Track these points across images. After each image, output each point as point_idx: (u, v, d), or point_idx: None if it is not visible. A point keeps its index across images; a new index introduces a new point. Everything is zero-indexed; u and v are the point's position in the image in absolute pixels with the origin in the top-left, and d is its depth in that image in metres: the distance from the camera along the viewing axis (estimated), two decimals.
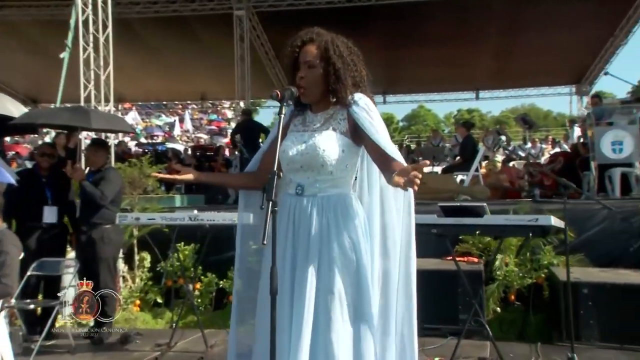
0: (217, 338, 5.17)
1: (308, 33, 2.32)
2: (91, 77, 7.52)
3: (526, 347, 4.64)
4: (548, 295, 6.03)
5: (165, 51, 15.58)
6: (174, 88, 19.27)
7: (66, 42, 7.31)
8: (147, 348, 5.06)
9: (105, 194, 5.29)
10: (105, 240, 5.38)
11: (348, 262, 2.20)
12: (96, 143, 5.90)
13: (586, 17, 13.37)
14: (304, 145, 2.27)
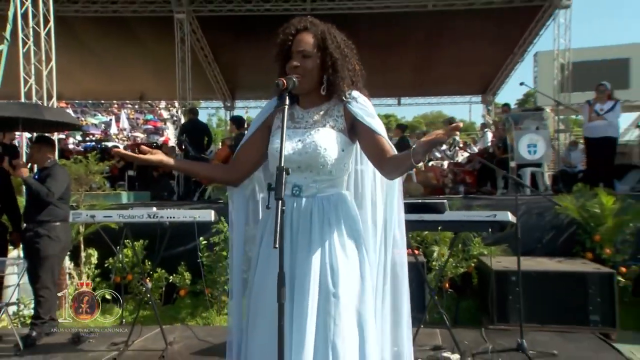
0: (174, 334, 4.74)
1: (302, 21, 2.01)
2: (32, 71, 6.84)
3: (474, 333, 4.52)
4: (477, 283, 6.06)
5: (104, 51, 14.68)
6: (113, 88, 18.25)
7: (4, 34, 6.54)
8: (103, 347, 4.55)
9: (52, 191, 4.75)
10: (52, 238, 4.82)
11: (351, 265, 1.93)
12: (41, 140, 5.29)
13: (490, 36, 13.77)
14: (301, 143, 1.96)
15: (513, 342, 4.07)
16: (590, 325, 4.91)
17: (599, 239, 6.08)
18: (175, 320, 5.79)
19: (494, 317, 5.03)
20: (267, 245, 1.92)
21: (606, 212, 6.06)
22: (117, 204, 7.18)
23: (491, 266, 5.24)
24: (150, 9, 12.50)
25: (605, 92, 8.25)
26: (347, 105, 2.02)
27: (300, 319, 1.79)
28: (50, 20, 6.94)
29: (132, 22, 13.04)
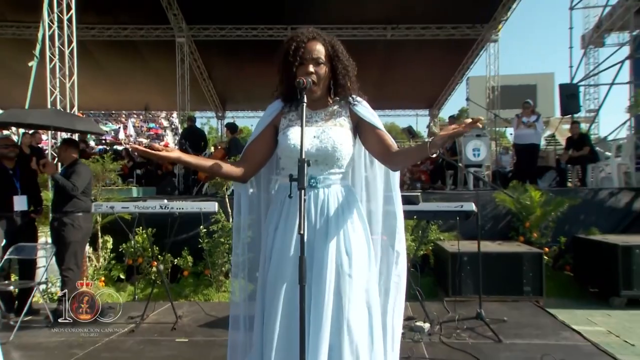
0: (183, 309, 4.56)
1: (311, 32, 1.84)
2: (57, 84, 6.59)
3: (436, 305, 4.48)
4: (434, 263, 6.06)
5: (115, 69, 14.23)
6: (122, 100, 17.75)
7: (34, 53, 6.31)
8: (121, 320, 4.34)
9: (76, 185, 4.53)
10: (75, 226, 4.58)
11: (362, 249, 1.81)
12: (67, 142, 5.05)
13: (436, 62, 13.87)
14: (318, 140, 1.81)
15: (470, 311, 4.06)
16: (524, 295, 4.98)
17: (529, 225, 6.17)
18: (180, 297, 5.60)
19: (449, 290, 5.03)
20: (285, 232, 1.76)
21: (535, 204, 6.15)
22: (129, 197, 6.92)
23: (448, 249, 5.24)
24: (156, 34, 12.27)
25: (530, 108, 8.44)
26: (352, 107, 1.90)
27: (319, 298, 1.67)
28: (74, 41, 6.73)
29: (139, 45, 12.72)
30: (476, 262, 4.82)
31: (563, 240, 6.14)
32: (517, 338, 3.65)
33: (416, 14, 11.43)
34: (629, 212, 6.62)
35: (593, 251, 5.54)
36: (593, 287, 5.50)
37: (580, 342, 3.60)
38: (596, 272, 5.43)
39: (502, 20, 12.12)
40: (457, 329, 3.79)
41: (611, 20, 11.48)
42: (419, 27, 12.11)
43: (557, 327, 3.98)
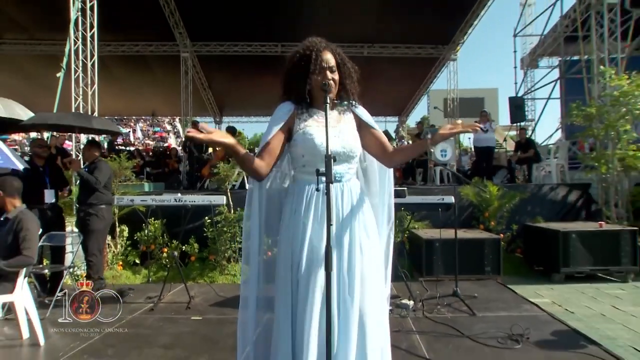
0: (194, 290, 4.45)
1: (321, 42, 1.75)
2: (80, 92, 6.36)
3: (415, 285, 4.45)
4: (409, 248, 6.06)
5: (127, 79, 13.83)
6: (132, 107, 17.35)
7: (62, 65, 6.13)
8: (141, 300, 4.21)
9: (99, 180, 4.41)
10: (99, 217, 4.44)
11: (374, 238, 1.75)
12: (90, 142, 4.89)
13: (405, 76, 13.93)
14: (339, 139, 1.71)
15: (444, 290, 4.06)
16: (485, 274, 5.02)
17: (488, 215, 6.23)
18: (188, 279, 5.44)
19: (423, 272, 5.03)
20: (321, 223, 1.63)
21: (493, 197, 6.21)
22: (142, 191, 6.76)
23: (422, 236, 5.25)
24: (163, 49, 12.04)
25: (486, 116, 8.54)
26: (354, 110, 1.84)
27: (352, 287, 1.60)
28: (95, 55, 6.57)
29: (149, 59, 12.45)
30: (446, 247, 4.89)
31: (515, 227, 6.22)
32: (487, 311, 3.67)
33: (389, 35, 11.49)
34: (565, 204, 6.78)
35: (539, 236, 5.63)
36: (538, 266, 5.59)
37: (538, 313, 3.65)
38: (541, 254, 5.53)
39: (460, 43, 12.26)
40: (437, 305, 3.79)
41: (543, 47, 11.78)
42: (391, 46, 12.17)
43: (519, 301, 4.03)
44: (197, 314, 3.81)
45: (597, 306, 3.93)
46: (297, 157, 1.76)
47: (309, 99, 1.75)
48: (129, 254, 6.03)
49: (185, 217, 4.34)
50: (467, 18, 10.92)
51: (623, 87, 6.07)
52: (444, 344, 2.97)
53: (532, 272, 5.50)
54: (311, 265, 1.61)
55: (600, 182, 6.67)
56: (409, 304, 3.72)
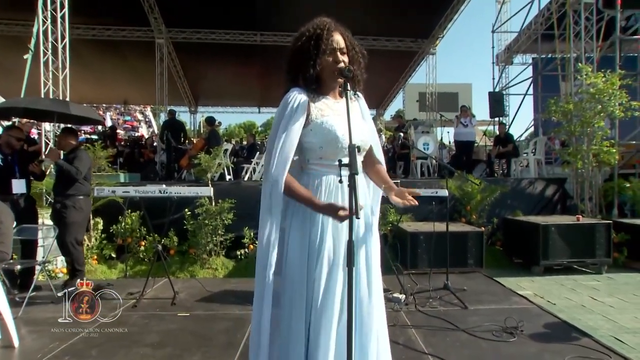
0: (177, 285, 4.28)
1: (330, 22, 1.63)
2: (50, 77, 5.98)
3: (405, 279, 4.42)
4: (392, 241, 6.07)
5: (98, 66, 13.20)
6: (103, 94, 16.61)
7: (29, 46, 5.70)
8: (122, 296, 3.99)
9: (80, 170, 4.16)
10: (77, 208, 4.21)
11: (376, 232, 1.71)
12: (66, 130, 4.58)
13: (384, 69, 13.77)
14: (357, 131, 1.59)
15: (433, 283, 4.06)
16: (468, 267, 5.08)
17: (469, 209, 6.32)
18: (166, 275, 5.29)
19: (408, 265, 5.04)
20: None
21: (474, 190, 6.29)
22: (118, 182, 6.49)
23: (407, 229, 5.25)
24: (137, 35, 11.50)
25: (467, 111, 8.65)
26: (359, 101, 1.75)
27: (370, 280, 1.58)
28: (66, 37, 6.13)
29: (121, 45, 11.86)
30: (430, 240, 4.90)
31: (495, 220, 6.35)
32: (478, 304, 3.70)
33: (369, 27, 11.41)
34: (542, 198, 6.97)
35: (518, 229, 5.75)
36: (518, 258, 5.72)
37: (528, 306, 3.71)
38: (521, 246, 5.66)
39: (439, 37, 12.36)
40: (429, 298, 3.79)
41: (518, 44, 12.05)
42: (370, 38, 12.10)
43: (507, 294, 4.09)
44: (183, 310, 3.67)
45: (576, 297, 4.05)
46: (312, 149, 1.61)
47: (318, 84, 1.63)
48: (105, 248, 5.76)
49: (170, 209, 4.16)
50: (447, 12, 11.00)
51: (598, 85, 6.27)
52: (441, 337, 2.96)
53: (512, 265, 5.62)
54: (332, 263, 1.54)
55: (575, 177, 6.89)
56: (400, 298, 3.71)
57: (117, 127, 22.80)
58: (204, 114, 20.54)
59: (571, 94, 7.06)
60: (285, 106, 1.59)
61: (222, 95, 16.64)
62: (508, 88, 13.44)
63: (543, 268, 5.11)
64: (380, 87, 15.88)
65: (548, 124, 9.08)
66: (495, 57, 13.69)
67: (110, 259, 5.77)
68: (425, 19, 11.33)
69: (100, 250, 5.73)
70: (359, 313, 1.54)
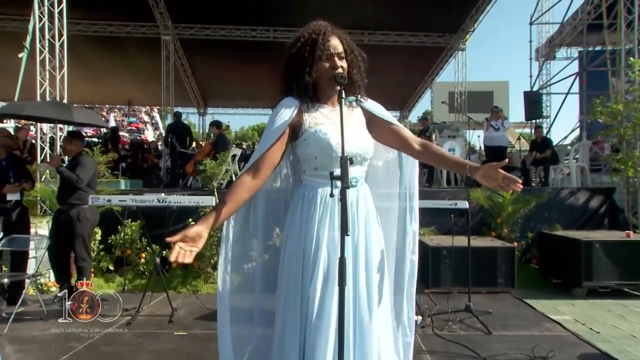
0: (177, 301, 4.34)
1: (327, 26, 1.66)
2: (46, 77, 6.20)
3: (422, 297, 4.36)
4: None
5: (100, 64, 13.56)
6: (106, 95, 17.12)
7: (25, 44, 5.92)
8: (115, 312, 4.07)
9: (81, 178, 4.31)
10: (80, 219, 4.36)
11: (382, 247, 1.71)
12: (71, 134, 4.77)
13: (408, 67, 13.93)
14: (355, 139, 1.64)
15: (453, 303, 4.00)
16: (497, 286, 4.99)
17: (500, 221, 6.21)
18: (169, 288, 5.34)
19: (429, 283, 4.98)
20: (335, 232, 1.57)
21: (506, 201, 6.19)
22: (118, 190, 6.60)
23: (428, 244, 5.20)
24: (142, 31, 11.82)
25: (499, 113, 8.54)
26: (362, 105, 1.77)
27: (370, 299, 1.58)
28: (64, 34, 6.36)
29: (124, 41, 12.21)
30: (454, 256, 4.83)
31: (530, 235, 6.21)
32: (504, 329, 3.62)
33: (391, 21, 11.43)
34: (586, 210, 6.78)
35: (557, 246, 5.61)
36: (556, 279, 5.57)
37: (562, 333, 3.61)
38: (560, 265, 5.50)
39: (469, 31, 12.27)
40: (448, 321, 3.74)
41: (561, 36, 11.81)
42: (393, 33, 12.13)
43: (539, 318, 3.99)
44: (180, 328, 3.72)
45: (625, 326, 3.89)
46: (307, 159, 1.66)
47: (313, 91, 1.66)
48: (102, 260, 5.87)
49: (169, 219, 4.24)
50: (478, 3, 10.91)
51: None
52: None
53: (550, 286, 5.48)
54: (327, 280, 1.55)
55: (626, 187, 6.69)
56: (417, 319, 3.65)
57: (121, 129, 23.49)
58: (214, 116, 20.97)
59: (622, 92, 6.88)
60: (274, 114, 1.66)
61: (233, 96, 16.90)
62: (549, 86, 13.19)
63: (586, 290, 4.95)
64: (404, 86, 15.82)
65: (595, 127, 8.86)
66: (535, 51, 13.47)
67: (108, 272, 5.89)
68: (453, 12, 11.26)
69: (97, 263, 5.86)
70: (359, 332, 1.55)
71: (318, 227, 1.60)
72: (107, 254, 5.92)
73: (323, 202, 1.62)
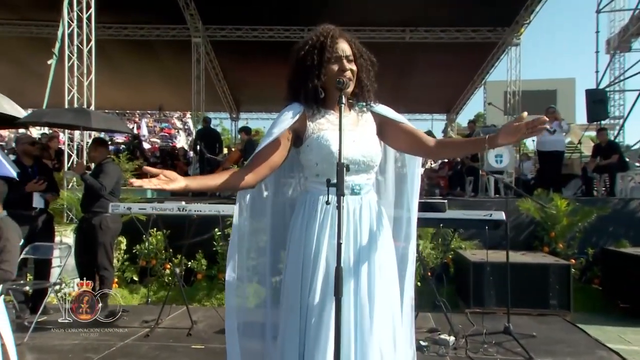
0: (198, 314, 4.49)
1: (335, 29, 1.74)
2: (74, 83, 6.62)
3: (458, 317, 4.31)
4: (454, 272, 5.92)
5: (130, 68, 14.32)
6: (136, 100, 17.93)
7: (53, 51, 6.38)
8: (135, 324, 4.30)
9: (104, 185, 4.56)
10: (102, 227, 4.61)
11: (393, 257, 1.77)
12: (96, 141, 5.11)
13: (454, 66, 13.68)
14: (359, 145, 1.71)
15: (494, 324, 3.92)
16: (550, 308, 4.83)
17: (554, 235, 6.02)
18: (193, 300, 5.54)
19: (470, 301, 4.90)
20: (332, 239, 1.64)
21: (561, 213, 6.00)
22: (144, 198, 6.91)
23: (469, 258, 5.13)
24: (172, 34, 12.36)
25: (554, 114, 8.26)
26: (372, 110, 1.82)
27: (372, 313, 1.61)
28: (92, 39, 6.80)
29: (155, 45, 12.80)
30: (499, 273, 4.72)
31: (591, 252, 5.98)
32: (548, 356, 3.51)
33: (436, 16, 11.34)
34: None
35: (624, 264, 5.38)
36: (624, 303, 5.30)
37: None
38: (627, 287, 5.25)
39: (524, 24, 11.96)
40: (484, 343, 3.66)
41: (638, 24, 11.25)
42: (438, 30, 12.03)
43: (592, 345, 3.82)
44: (199, 342, 3.86)
45: None
46: (309, 166, 1.75)
47: (322, 95, 1.72)
48: (126, 270, 6.17)
49: (189, 229, 4.41)
50: None
51: None
52: None
53: (615, 310, 5.25)
54: (326, 288, 1.60)
55: None
56: (448, 340, 3.62)
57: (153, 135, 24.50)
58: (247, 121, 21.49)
59: None
60: (277, 117, 1.75)
61: (267, 100, 17.20)
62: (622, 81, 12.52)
63: None
64: (450, 88, 15.60)
65: None
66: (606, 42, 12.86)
67: (132, 283, 6.17)
68: (506, 3, 11.03)
69: (122, 273, 6.16)
70: (360, 342, 1.58)
71: (318, 234, 1.66)
72: (132, 264, 6.20)
73: (323, 210, 1.68)
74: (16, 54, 12.91)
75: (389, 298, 1.69)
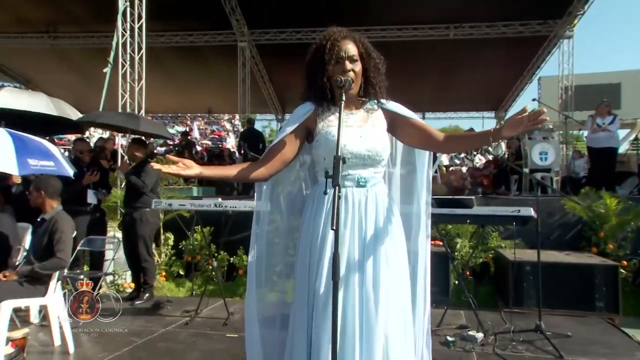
0: (235, 306, 4.69)
1: (342, 31, 1.84)
2: (127, 88, 7.07)
3: (493, 315, 4.27)
4: (494, 271, 5.82)
5: (180, 73, 14.98)
6: (187, 103, 18.62)
7: (109, 60, 6.86)
8: (177, 314, 4.58)
9: (146, 183, 4.97)
10: (143, 221, 5.00)
11: (402, 249, 1.83)
12: (137, 142, 5.46)
13: (503, 61, 13.34)
14: (365, 140, 1.81)
15: (529, 323, 3.84)
16: (596, 311, 4.66)
17: (603, 235, 5.78)
18: (235, 295, 5.78)
19: (509, 301, 4.82)
20: (344, 231, 1.76)
21: (610, 212, 5.77)
22: (189, 196, 7.27)
23: (509, 257, 5.03)
24: (219, 39, 12.80)
25: (606, 108, 7.89)
26: (383, 107, 1.91)
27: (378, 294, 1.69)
28: (143, 47, 7.24)
29: (203, 50, 13.31)
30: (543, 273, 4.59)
31: None
32: (581, 356, 3.40)
33: (481, 11, 11.07)
34: None
35: None
36: None
37: None
38: None
39: (577, 15, 11.44)
40: (512, 340, 3.60)
41: None
42: (484, 25, 11.74)
43: (633, 348, 3.65)
44: (233, 331, 4.03)
45: None
46: (319, 160, 1.86)
47: (330, 95, 1.84)
48: (173, 264, 6.52)
49: (226, 225, 4.62)
50: None
51: None
52: None
53: None
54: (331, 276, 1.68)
55: None
56: (476, 337, 3.59)
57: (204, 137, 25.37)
58: None
59: None
60: (290, 116, 1.94)
61: None
62: None
63: None
64: (499, 84, 15.11)
65: None
66: None
67: (179, 277, 6.52)
68: None
69: (169, 267, 6.52)
70: (366, 331, 1.66)
71: (324, 224, 1.77)
72: (178, 259, 6.56)
73: (330, 201, 1.77)
74: (81, 64, 13.86)
75: (397, 288, 1.75)
